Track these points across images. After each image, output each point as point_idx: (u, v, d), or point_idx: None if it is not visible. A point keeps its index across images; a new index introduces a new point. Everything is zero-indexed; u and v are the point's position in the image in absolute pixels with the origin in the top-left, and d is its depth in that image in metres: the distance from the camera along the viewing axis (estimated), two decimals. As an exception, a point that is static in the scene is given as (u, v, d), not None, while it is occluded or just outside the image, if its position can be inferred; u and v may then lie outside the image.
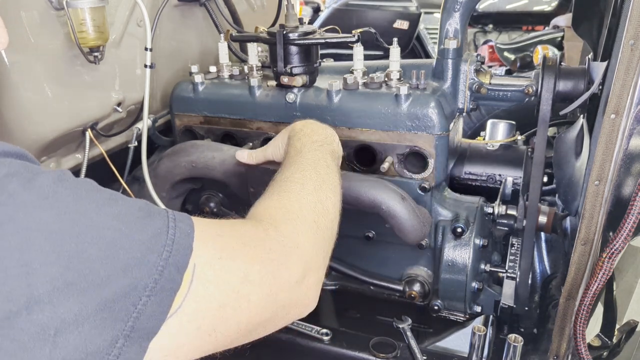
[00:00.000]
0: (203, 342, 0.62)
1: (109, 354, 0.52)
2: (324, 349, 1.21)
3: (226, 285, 0.62)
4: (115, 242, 0.53)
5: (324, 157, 0.92)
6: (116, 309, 0.52)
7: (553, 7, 5.31)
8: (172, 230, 0.57)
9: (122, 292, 0.52)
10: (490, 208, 1.30)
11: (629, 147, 0.97)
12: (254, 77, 1.38)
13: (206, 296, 0.60)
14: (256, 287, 0.65)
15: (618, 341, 1.25)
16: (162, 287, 0.54)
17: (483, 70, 1.31)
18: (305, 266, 0.73)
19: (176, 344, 0.59)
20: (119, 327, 0.52)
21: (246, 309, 0.64)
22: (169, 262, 0.55)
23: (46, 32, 1.14)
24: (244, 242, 0.67)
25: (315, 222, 0.79)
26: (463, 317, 1.33)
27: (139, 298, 0.53)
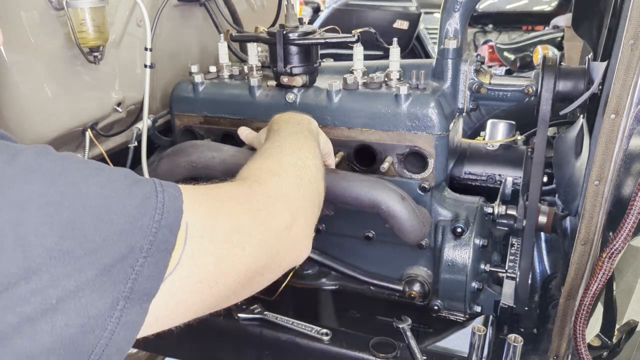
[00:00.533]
0: (206, 295, 0.64)
1: (111, 316, 0.53)
2: (324, 349, 1.21)
3: (219, 238, 0.65)
4: (107, 208, 0.54)
5: (301, 130, 0.98)
6: (114, 273, 0.53)
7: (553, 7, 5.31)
8: (161, 194, 0.59)
9: (119, 256, 0.53)
10: (490, 208, 1.30)
11: (629, 147, 0.97)
12: (254, 77, 1.38)
13: (202, 250, 0.62)
14: (248, 236, 0.68)
15: (618, 341, 1.25)
16: (157, 248, 0.56)
17: (483, 70, 1.31)
18: (292, 213, 0.77)
19: (180, 299, 0.61)
20: (119, 290, 0.53)
21: (242, 258, 0.67)
22: (161, 224, 0.57)
23: (46, 32, 1.14)
24: (230, 198, 0.70)
25: (298, 177, 0.84)
26: (463, 317, 1.33)
27: (136, 260, 0.54)
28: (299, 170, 0.85)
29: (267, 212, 0.73)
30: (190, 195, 0.63)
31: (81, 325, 0.51)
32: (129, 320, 0.55)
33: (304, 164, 0.88)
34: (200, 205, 0.64)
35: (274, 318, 1.26)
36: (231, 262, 0.66)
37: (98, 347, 0.53)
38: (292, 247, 0.78)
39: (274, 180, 0.80)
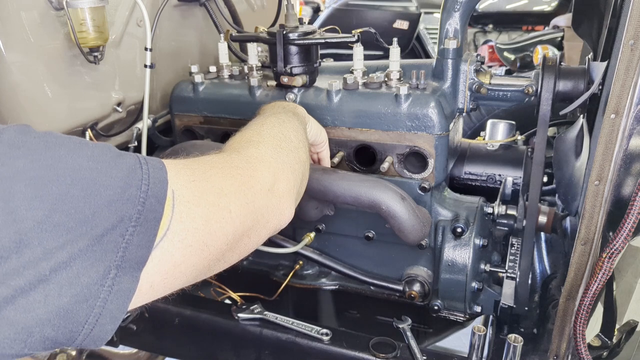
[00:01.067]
0: (198, 258, 0.66)
1: (103, 285, 0.55)
2: (324, 349, 1.21)
3: (205, 201, 0.67)
4: (95, 180, 0.55)
5: (285, 112, 1.02)
6: (105, 242, 0.54)
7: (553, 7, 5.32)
8: (145, 166, 0.61)
9: (109, 226, 0.55)
10: (490, 208, 1.30)
11: (629, 147, 0.97)
12: (254, 77, 1.38)
13: (190, 214, 0.64)
14: (233, 198, 0.72)
15: (618, 341, 1.25)
16: (145, 217, 0.58)
17: (483, 70, 1.31)
18: (273, 175, 0.81)
19: (173, 264, 0.62)
20: (110, 259, 0.55)
21: (229, 219, 0.70)
22: (148, 194, 0.58)
23: (46, 32, 1.14)
24: (211, 166, 0.74)
25: (277, 145, 0.88)
26: (463, 317, 1.33)
27: (126, 229, 0.56)
28: (278, 140, 0.89)
29: (249, 175, 0.77)
30: (172, 166, 0.66)
31: (74, 295, 0.52)
32: (122, 289, 0.56)
33: (284, 135, 0.91)
34: (184, 174, 0.67)
35: (274, 318, 1.26)
36: (219, 224, 0.68)
37: (92, 316, 0.54)
38: (275, 207, 0.80)
39: (252, 147, 0.84)
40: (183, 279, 0.66)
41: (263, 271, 1.51)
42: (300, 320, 1.26)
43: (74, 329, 0.54)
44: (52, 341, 0.53)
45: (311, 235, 1.33)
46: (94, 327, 0.55)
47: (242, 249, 0.76)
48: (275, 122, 0.95)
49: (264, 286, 1.43)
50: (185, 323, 1.32)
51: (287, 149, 0.89)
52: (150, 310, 1.35)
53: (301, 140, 0.96)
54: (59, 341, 0.54)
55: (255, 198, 0.76)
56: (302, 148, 0.95)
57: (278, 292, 1.40)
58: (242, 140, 0.87)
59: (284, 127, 0.94)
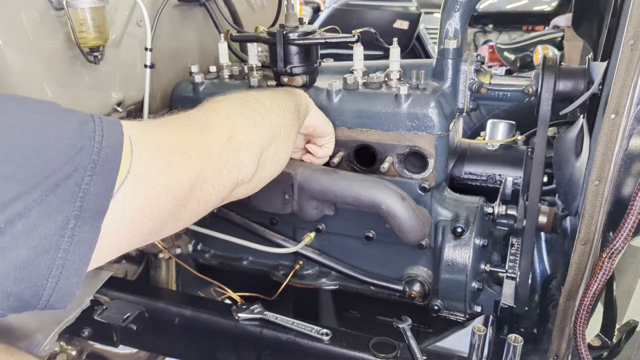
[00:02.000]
0: (162, 202, 0.66)
1: (63, 235, 0.54)
2: (324, 349, 1.21)
3: (165, 146, 0.68)
4: (45, 131, 0.55)
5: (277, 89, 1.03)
6: (60, 192, 0.54)
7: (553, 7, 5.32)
8: (98, 119, 0.61)
9: (63, 176, 0.54)
10: (490, 208, 1.30)
11: (629, 147, 0.97)
12: (254, 77, 1.38)
13: (150, 157, 0.65)
14: (191, 143, 0.73)
15: (618, 341, 1.25)
16: (101, 167, 0.58)
17: (483, 70, 1.31)
18: (230, 126, 0.81)
19: (137, 207, 0.62)
20: (68, 209, 0.55)
21: (190, 163, 0.71)
22: (102, 144, 0.58)
23: (46, 32, 1.14)
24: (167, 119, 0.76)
25: (243, 105, 0.88)
26: (463, 317, 1.33)
27: (82, 179, 0.56)
28: (245, 101, 0.89)
29: (205, 125, 0.78)
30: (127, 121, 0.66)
31: (33, 247, 0.52)
32: (82, 239, 0.56)
33: (255, 99, 0.92)
34: (140, 125, 0.68)
35: (274, 318, 1.26)
36: (181, 168, 0.69)
37: (55, 268, 0.54)
38: (234, 157, 0.81)
39: (212, 104, 0.86)
40: (149, 225, 0.66)
41: (263, 271, 1.51)
42: (300, 320, 1.26)
43: (38, 282, 0.53)
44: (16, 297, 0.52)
45: (311, 235, 1.33)
46: (59, 280, 0.54)
47: (205, 196, 0.76)
48: (254, 91, 0.97)
49: (264, 286, 1.43)
50: (185, 323, 1.32)
51: (254, 108, 0.89)
52: (150, 310, 1.35)
53: (277, 105, 0.95)
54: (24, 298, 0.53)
55: (214, 146, 0.77)
56: (277, 111, 0.94)
57: (278, 292, 1.40)
58: (207, 100, 0.89)
59: (259, 93, 0.95)
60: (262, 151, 0.88)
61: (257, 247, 1.33)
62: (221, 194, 0.80)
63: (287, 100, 1.01)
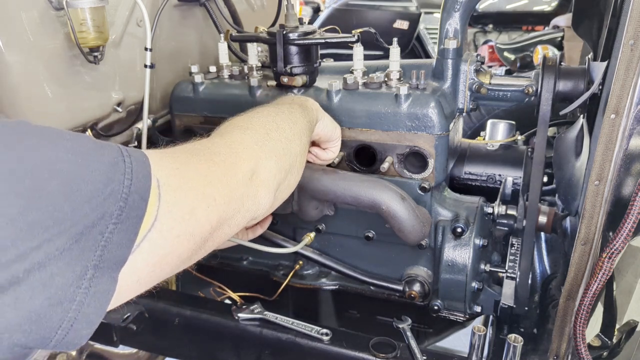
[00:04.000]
0: (184, 248, 0.64)
1: (80, 286, 0.51)
2: (324, 349, 1.21)
3: (191, 189, 0.65)
4: (75, 174, 0.51)
5: (290, 103, 0.99)
6: (83, 241, 0.51)
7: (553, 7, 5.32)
8: (128, 158, 0.57)
9: (89, 224, 0.51)
10: (490, 208, 1.30)
11: (629, 147, 0.97)
12: (254, 77, 1.38)
13: (177, 203, 0.62)
14: (218, 186, 0.70)
15: (618, 341, 1.25)
16: (127, 214, 0.54)
17: (483, 70, 1.31)
18: (255, 162, 0.79)
19: (161, 255, 0.60)
20: (88, 258, 0.51)
21: (214, 207, 0.69)
22: (131, 189, 0.55)
23: (46, 32, 1.14)
24: (193, 153, 0.73)
25: (266, 133, 0.85)
26: (463, 317, 1.33)
27: (106, 227, 0.52)
28: (268, 129, 0.86)
29: (231, 162, 0.75)
30: (155, 155, 0.63)
31: (48, 298, 0.48)
32: (99, 290, 0.53)
33: (276, 125, 0.89)
34: (167, 161, 0.65)
35: (274, 318, 1.26)
36: (205, 212, 0.67)
37: (66, 320, 0.51)
38: (253, 196, 0.78)
39: (237, 132, 0.82)
40: (167, 270, 0.64)
41: (263, 271, 1.51)
42: (300, 320, 1.26)
43: (46, 334, 0.50)
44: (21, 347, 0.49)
45: (311, 235, 1.33)
46: (68, 332, 0.51)
47: (221, 237, 0.75)
48: (272, 111, 0.93)
49: (264, 286, 1.43)
50: (185, 323, 1.32)
51: (276, 138, 0.87)
52: (150, 310, 1.35)
53: (296, 133, 0.93)
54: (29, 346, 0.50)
55: (238, 186, 0.74)
56: (296, 140, 0.92)
57: (278, 292, 1.40)
58: (231, 124, 0.86)
59: (279, 117, 0.92)
60: (279, 186, 0.86)
61: (257, 247, 1.32)
62: (236, 230, 0.78)
63: (302, 121, 0.98)
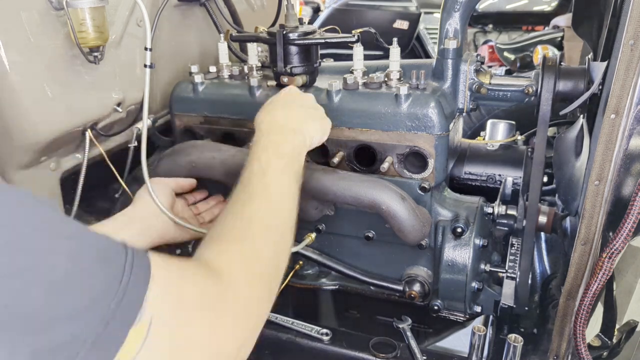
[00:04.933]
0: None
1: None
2: (324, 349, 1.21)
3: (179, 345, 0.59)
4: (64, 285, 0.47)
5: (289, 183, 0.90)
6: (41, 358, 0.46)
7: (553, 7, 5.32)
8: (127, 277, 0.53)
9: (60, 342, 0.46)
10: (490, 208, 1.30)
11: (629, 147, 0.97)
12: (254, 77, 1.38)
13: (160, 350, 0.56)
14: (204, 351, 0.63)
15: (618, 341, 1.25)
16: (103, 342, 0.49)
17: (483, 70, 1.31)
18: (249, 333, 0.73)
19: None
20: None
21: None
22: (115, 316, 0.50)
23: (46, 32, 1.14)
24: (201, 306, 0.64)
25: (270, 290, 0.79)
26: (463, 317, 1.33)
27: (76, 352, 0.47)
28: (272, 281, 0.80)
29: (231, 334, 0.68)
30: (162, 282, 0.57)
31: None
32: None
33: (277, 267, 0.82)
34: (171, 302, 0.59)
35: (274, 318, 1.26)
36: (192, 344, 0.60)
37: None
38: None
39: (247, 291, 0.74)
40: None
41: (263, 271, 1.51)
42: (300, 320, 1.26)
43: None
44: None
45: (312, 235, 1.33)
46: None
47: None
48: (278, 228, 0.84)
49: (264, 286, 1.43)
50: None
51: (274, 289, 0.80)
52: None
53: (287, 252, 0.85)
54: None
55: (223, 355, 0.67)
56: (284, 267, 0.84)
57: (278, 292, 1.40)
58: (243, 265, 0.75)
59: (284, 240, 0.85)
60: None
61: None
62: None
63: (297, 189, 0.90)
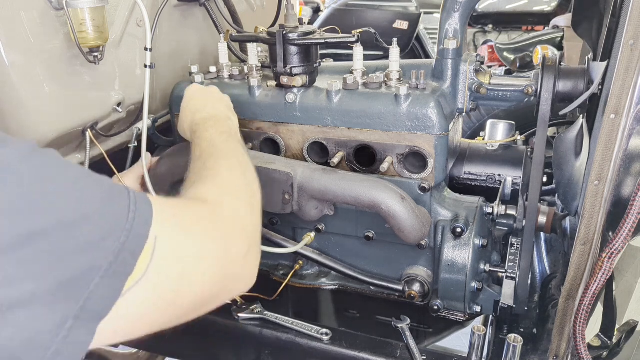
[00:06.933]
0: (162, 314, 0.64)
1: (57, 335, 0.51)
2: (324, 349, 1.21)
3: (185, 261, 0.65)
4: (77, 223, 0.53)
5: (235, 146, 0.99)
6: (68, 290, 0.51)
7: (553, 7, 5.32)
8: (132, 214, 0.58)
9: (77, 273, 0.52)
10: (489, 208, 1.30)
11: (628, 147, 0.97)
12: (254, 77, 1.38)
13: (166, 271, 0.62)
14: (211, 261, 0.69)
15: (618, 341, 1.25)
16: (115, 270, 0.55)
17: (483, 70, 1.31)
18: (249, 242, 0.78)
19: (140, 314, 0.60)
20: (70, 308, 0.52)
21: (201, 284, 0.68)
22: (125, 246, 0.56)
23: (46, 32, 1.14)
24: (197, 221, 0.71)
25: (251, 204, 0.85)
26: (463, 317, 1.33)
27: (92, 279, 0.53)
28: (251, 198, 0.87)
29: (230, 239, 0.74)
30: (161, 212, 0.63)
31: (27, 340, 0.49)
32: (76, 341, 0.53)
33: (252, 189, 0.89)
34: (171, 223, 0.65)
35: (274, 318, 1.26)
36: (191, 287, 0.66)
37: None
38: (243, 275, 0.77)
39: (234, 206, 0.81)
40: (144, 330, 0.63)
41: (263, 271, 1.51)
42: (300, 320, 1.26)
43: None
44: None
45: (311, 235, 1.33)
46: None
47: (203, 311, 0.74)
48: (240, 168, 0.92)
49: (264, 286, 1.43)
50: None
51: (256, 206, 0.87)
52: (150, 310, 1.34)
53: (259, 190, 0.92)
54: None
55: (231, 264, 0.73)
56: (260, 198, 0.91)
57: (278, 292, 1.40)
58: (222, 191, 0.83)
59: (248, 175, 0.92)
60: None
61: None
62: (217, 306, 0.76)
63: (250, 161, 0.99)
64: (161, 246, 0.61)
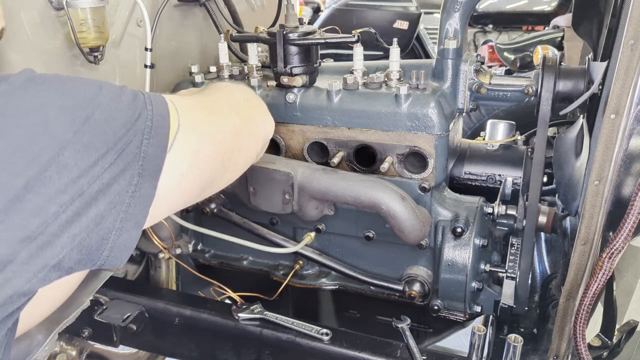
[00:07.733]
0: (211, 147, 0.79)
1: (128, 191, 0.64)
2: (324, 349, 1.21)
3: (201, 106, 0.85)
4: (110, 106, 0.65)
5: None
6: (126, 155, 0.64)
7: (553, 7, 5.32)
8: (146, 94, 0.72)
9: (127, 141, 0.65)
10: (490, 208, 1.30)
11: (629, 147, 0.97)
12: (254, 77, 1.38)
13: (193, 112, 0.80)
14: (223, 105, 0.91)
15: (618, 341, 1.25)
16: (155, 130, 0.68)
17: (483, 70, 1.31)
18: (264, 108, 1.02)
19: (193, 150, 0.75)
20: (133, 167, 0.65)
21: (228, 117, 0.88)
22: (154, 112, 0.70)
23: (46, 32, 1.14)
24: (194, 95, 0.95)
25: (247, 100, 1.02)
26: (463, 317, 1.33)
27: (141, 142, 0.66)
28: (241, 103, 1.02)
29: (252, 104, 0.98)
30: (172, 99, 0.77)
31: (109, 202, 0.62)
32: (143, 194, 0.66)
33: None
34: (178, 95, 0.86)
35: (274, 318, 1.26)
36: (219, 120, 0.84)
37: (119, 220, 0.63)
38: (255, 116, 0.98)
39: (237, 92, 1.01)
40: (206, 171, 0.78)
41: (263, 271, 1.51)
42: (300, 320, 1.25)
43: (105, 235, 0.62)
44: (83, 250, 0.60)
45: (312, 235, 1.33)
46: (121, 234, 0.64)
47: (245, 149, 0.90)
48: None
49: (264, 286, 1.43)
50: (185, 323, 1.32)
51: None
52: (150, 310, 1.35)
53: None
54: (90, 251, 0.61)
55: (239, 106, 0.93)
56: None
57: (278, 292, 1.40)
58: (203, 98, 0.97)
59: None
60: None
61: (257, 247, 1.33)
62: (255, 148, 0.96)
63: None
64: (179, 104, 0.76)
